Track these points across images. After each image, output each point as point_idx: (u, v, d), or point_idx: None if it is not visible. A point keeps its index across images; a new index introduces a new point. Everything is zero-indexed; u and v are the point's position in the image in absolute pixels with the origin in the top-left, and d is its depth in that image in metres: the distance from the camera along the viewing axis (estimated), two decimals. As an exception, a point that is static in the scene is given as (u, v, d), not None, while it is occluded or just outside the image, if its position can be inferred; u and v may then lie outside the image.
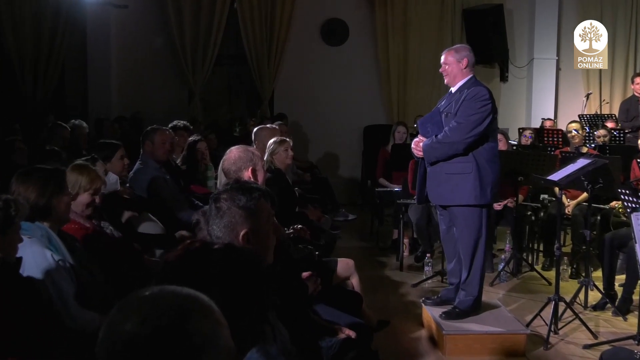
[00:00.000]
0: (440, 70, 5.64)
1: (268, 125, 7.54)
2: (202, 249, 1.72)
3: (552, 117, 12.29)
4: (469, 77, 5.52)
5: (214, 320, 1.28)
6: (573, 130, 8.00)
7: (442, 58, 5.60)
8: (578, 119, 10.21)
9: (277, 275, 3.45)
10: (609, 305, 6.21)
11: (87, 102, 12.07)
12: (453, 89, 5.57)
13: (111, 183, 5.07)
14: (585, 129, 9.18)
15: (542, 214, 8.01)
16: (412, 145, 5.65)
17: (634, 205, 5.42)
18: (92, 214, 4.19)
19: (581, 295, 6.26)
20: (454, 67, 5.51)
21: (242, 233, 2.53)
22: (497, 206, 7.50)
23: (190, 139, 7.68)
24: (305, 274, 3.99)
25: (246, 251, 1.84)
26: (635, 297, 6.22)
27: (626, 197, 5.56)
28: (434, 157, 5.44)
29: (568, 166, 5.89)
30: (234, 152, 4.20)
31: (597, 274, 6.82)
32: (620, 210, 7.06)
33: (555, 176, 5.82)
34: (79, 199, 4.03)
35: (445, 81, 5.65)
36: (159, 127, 6.40)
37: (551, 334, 5.55)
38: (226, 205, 2.56)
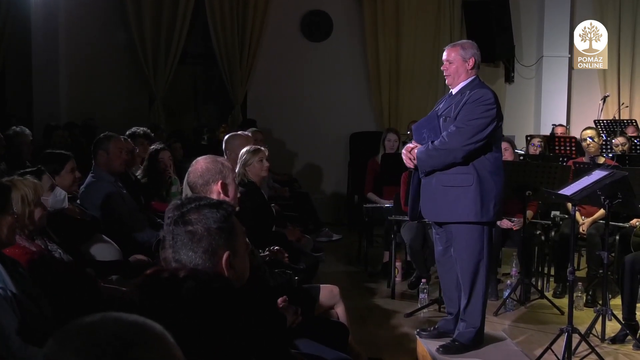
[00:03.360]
0: (442, 67, 5.68)
1: (240, 133, 7.55)
2: (167, 282, 1.72)
3: (564, 123, 12.38)
4: (473, 78, 5.57)
5: (162, 353, 1.27)
6: (588, 138, 8.07)
7: (445, 54, 5.63)
8: (594, 125, 10.31)
9: (252, 303, 3.45)
10: (629, 337, 6.25)
11: (32, 106, 12.00)
12: (454, 91, 5.61)
13: (58, 200, 5.04)
14: (602, 137, 9.25)
15: (553, 233, 8.05)
16: (403, 152, 5.67)
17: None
18: (35, 234, 4.21)
19: (598, 326, 6.28)
20: (459, 66, 5.55)
21: (225, 257, 2.53)
22: (506, 223, 7.54)
23: (151, 147, 7.67)
24: (279, 300, 4.00)
25: (221, 280, 1.84)
26: (659, 328, 6.27)
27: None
28: (430, 165, 5.47)
29: (582, 179, 5.93)
30: (200, 163, 4.20)
31: (616, 301, 6.86)
32: (641, 229, 7.12)
33: (568, 190, 5.85)
34: (36, 216, 4.07)
35: (447, 81, 5.69)
36: (113, 135, 6.40)
37: (564, 370, 5.58)
38: (202, 227, 2.53)
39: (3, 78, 12.46)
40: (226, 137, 7.29)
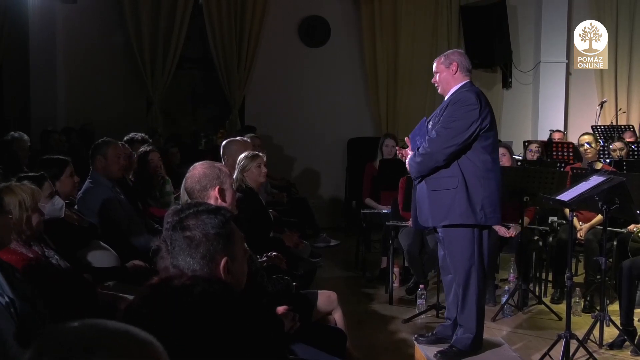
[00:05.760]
0: (432, 81, 5.75)
1: (238, 138, 7.55)
2: (174, 289, 1.72)
3: (562, 129, 12.40)
4: (464, 82, 5.59)
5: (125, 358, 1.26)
6: (585, 144, 8.08)
7: (434, 68, 5.71)
8: (591, 131, 10.31)
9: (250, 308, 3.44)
10: (627, 343, 6.25)
11: (30, 111, 12.00)
12: (446, 97, 5.64)
13: (56, 209, 5.04)
14: (600, 142, 9.27)
15: (550, 239, 8.05)
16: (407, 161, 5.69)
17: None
18: (33, 239, 4.21)
19: (596, 332, 6.28)
20: (445, 75, 5.60)
21: (223, 263, 2.52)
22: (503, 231, 7.53)
23: (140, 149, 7.63)
24: (280, 309, 3.99)
25: (222, 284, 1.84)
26: (657, 334, 6.26)
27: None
28: (417, 171, 5.50)
29: (580, 184, 5.94)
30: (198, 169, 4.20)
31: (614, 307, 6.86)
32: (639, 234, 7.12)
33: (566, 196, 5.86)
34: (33, 222, 4.07)
35: (439, 91, 5.73)
36: (111, 140, 6.40)
37: (562, 376, 5.58)
38: (199, 233, 2.53)
39: (0, 82, 12.45)
40: (224, 142, 7.29)
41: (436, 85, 5.71)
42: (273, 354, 3.45)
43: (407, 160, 5.61)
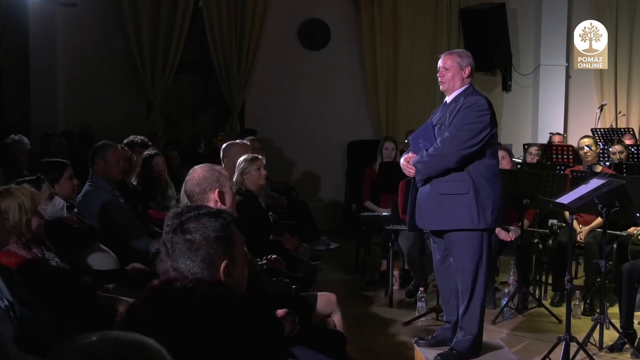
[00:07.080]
0: (438, 74, 5.67)
1: (238, 141, 7.54)
2: (175, 291, 1.71)
3: (562, 132, 12.41)
4: (467, 86, 5.59)
5: None
6: (585, 147, 8.07)
7: (441, 61, 5.64)
8: (591, 134, 10.31)
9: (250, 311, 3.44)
10: (627, 345, 6.24)
11: (30, 114, 12.00)
12: (448, 99, 5.63)
13: (57, 209, 5.04)
14: (600, 145, 9.27)
15: (550, 241, 8.04)
16: (402, 162, 5.67)
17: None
18: (33, 242, 4.22)
19: (595, 335, 6.27)
20: (456, 74, 5.56)
21: (223, 266, 2.52)
22: (503, 234, 7.53)
23: (145, 153, 7.65)
24: (280, 312, 3.99)
25: (222, 287, 1.84)
26: (657, 337, 6.26)
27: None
28: (425, 173, 5.47)
29: (580, 187, 5.94)
30: (198, 172, 4.20)
31: (614, 310, 6.86)
32: (639, 237, 7.12)
33: (566, 199, 5.86)
34: (33, 225, 4.07)
35: (442, 88, 5.67)
36: (111, 143, 6.39)
37: (562, 378, 5.57)
38: (200, 236, 2.53)
39: (0, 86, 12.45)
40: (224, 145, 7.29)
41: (440, 80, 5.65)
42: (273, 357, 3.45)
43: (408, 163, 5.57)
